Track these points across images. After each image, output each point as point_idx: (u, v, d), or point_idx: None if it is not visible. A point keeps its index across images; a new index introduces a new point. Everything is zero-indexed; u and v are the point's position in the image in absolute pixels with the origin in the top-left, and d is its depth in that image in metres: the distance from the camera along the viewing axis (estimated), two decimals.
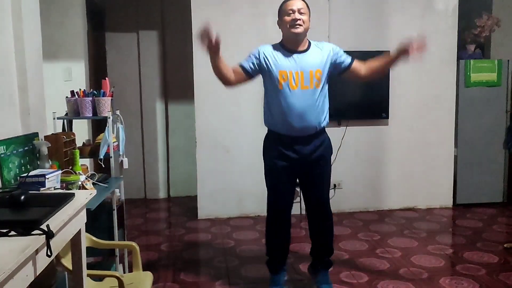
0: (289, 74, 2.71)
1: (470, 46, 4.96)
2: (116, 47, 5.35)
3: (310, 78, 2.72)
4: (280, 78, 2.71)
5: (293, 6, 2.72)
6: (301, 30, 2.72)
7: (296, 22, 2.69)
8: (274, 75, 2.73)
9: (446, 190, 4.98)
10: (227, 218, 4.67)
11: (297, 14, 2.70)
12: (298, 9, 2.71)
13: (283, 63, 2.74)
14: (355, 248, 3.79)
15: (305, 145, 2.78)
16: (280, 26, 2.82)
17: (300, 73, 2.71)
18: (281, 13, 2.79)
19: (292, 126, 2.73)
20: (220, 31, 4.58)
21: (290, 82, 2.71)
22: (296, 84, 2.71)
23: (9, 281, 1.24)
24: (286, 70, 2.72)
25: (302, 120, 2.71)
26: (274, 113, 2.78)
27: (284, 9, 2.76)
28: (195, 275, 3.30)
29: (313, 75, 2.73)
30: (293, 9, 2.71)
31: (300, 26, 2.70)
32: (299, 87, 2.71)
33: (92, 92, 2.97)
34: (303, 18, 2.71)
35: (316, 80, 2.73)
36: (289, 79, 2.71)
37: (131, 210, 4.95)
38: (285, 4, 2.76)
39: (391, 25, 4.72)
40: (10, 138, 2.36)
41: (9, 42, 2.55)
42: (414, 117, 4.85)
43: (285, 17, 2.73)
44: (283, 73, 2.72)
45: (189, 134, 5.03)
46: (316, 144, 2.81)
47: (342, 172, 4.78)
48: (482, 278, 3.17)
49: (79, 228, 1.89)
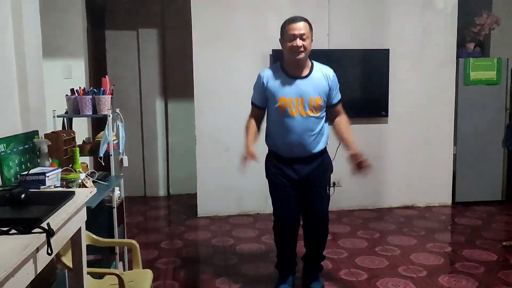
0: (289, 100, 2.71)
1: (469, 45, 4.97)
2: (116, 45, 5.35)
3: (310, 105, 2.72)
4: (280, 104, 2.72)
5: (294, 31, 2.66)
6: (302, 56, 2.69)
7: (298, 49, 2.66)
8: (275, 101, 2.74)
9: (445, 188, 4.99)
10: (227, 216, 4.68)
11: (299, 40, 2.65)
12: (300, 35, 2.66)
13: (283, 89, 2.74)
14: (354, 246, 3.80)
15: (304, 164, 2.82)
16: (282, 46, 2.79)
17: (300, 99, 2.71)
18: (283, 35, 2.74)
19: (292, 150, 2.78)
20: (219, 29, 4.61)
21: (290, 108, 2.71)
22: (296, 110, 2.72)
23: (10, 279, 1.25)
24: (286, 96, 2.72)
25: (301, 144, 2.75)
26: (274, 135, 2.82)
27: (286, 33, 2.70)
28: (195, 273, 3.31)
29: (313, 102, 2.73)
30: (294, 35, 2.66)
31: (301, 52, 2.68)
32: (299, 114, 2.72)
33: (92, 90, 2.98)
34: (305, 44, 2.67)
35: (315, 107, 2.74)
36: (289, 105, 2.71)
37: (131, 207, 4.96)
38: (288, 27, 2.70)
39: (390, 23, 4.72)
40: (10, 136, 2.37)
41: (9, 40, 2.55)
42: (413, 115, 4.85)
43: (287, 42, 2.69)
44: (283, 99, 2.72)
45: (189, 132, 5.04)
46: (316, 164, 2.84)
47: (341, 170, 4.73)
48: (480, 276, 3.18)
49: (79, 226, 1.90)
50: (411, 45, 4.78)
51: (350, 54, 4.69)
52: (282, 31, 2.76)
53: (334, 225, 4.35)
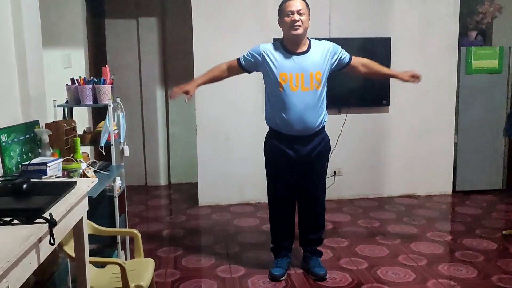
0: (290, 76, 2.78)
1: (471, 33, 4.93)
2: (116, 33, 5.32)
3: (310, 80, 2.79)
4: (281, 80, 2.78)
5: (292, 7, 2.77)
6: (300, 31, 2.77)
7: (296, 23, 2.75)
8: (275, 76, 2.80)
9: (446, 177, 5.00)
10: (228, 205, 4.69)
11: (296, 15, 2.75)
12: (297, 10, 2.76)
13: (284, 64, 2.80)
14: (354, 235, 3.81)
15: (304, 145, 2.89)
16: (280, 25, 2.87)
17: (301, 74, 2.78)
18: (281, 13, 2.84)
19: (293, 127, 2.82)
20: (219, 18, 4.58)
21: (290, 83, 2.78)
22: (297, 85, 2.78)
23: (13, 269, 1.26)
24: (287, 72, 2.78)
25: (302, 121, 2.81)
26: (275, 113, 2.86)
27: (284, 10, 2.81)
28: (196, 262, 3.34)
29: (313, 76, 2.80)
30: (292, 11, 2.76)
31: (299, 27, 2.76)
32: (299, 89, 2.78)
33: (92, 79, 2.97)
34: (302, 19, 2.76)
35: (316, 82, 2.81)
36: (289, 80, 2.78)
37: (132, 197, 4.97)
38: (285, 5, 2.81)
39: (392, 12, 4.69)
40: (11, 126, 2.36)
41: (8, 30, 2.54)
42: (414, 104, 4.84)
43: (285, 18, 2.79)
44: (283, 75, 2.78)
45: (190, 121, 5.03)
46: (315, 144, 2.92)
47: (342, 159, 4.80)
48: (480, 264, 3.20)
49: (81, 216, 1.91)
50: (413, 34, 4.75)
51: (351, 42, 4.66)
52: (280, 10, 2.85)
53: (335, 214, 4.37)
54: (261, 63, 2.85)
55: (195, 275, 3.11)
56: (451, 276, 3.02)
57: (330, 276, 3.03)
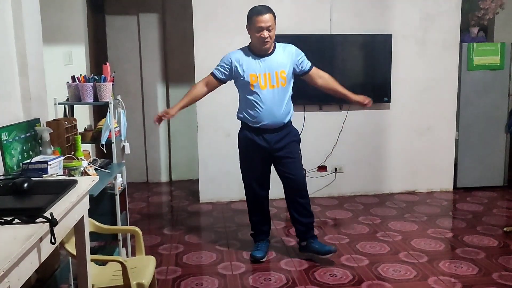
0: (258, 76, 3.07)
1: (473, 29, 4.92)
2: (116, 30, 5.30)
3: (276, 78, 3.08)
4: (251, 80, 3.07)
5: (261, 23, 2.97)
6: (269, 46, 3.06)
7: (265, 39, 3.00)
8: (246, 78, 3.08)
9: (447, 173, 4.99)
10: (229, 202, 4.70)
11: (265, 32, 2.98)
12: (267, 27, 2.98)
13: (252, 66, 3.09)
14: (355, 232, 3.82)
15: (274, 133, 3.15)
16: (249, 32, 3.09)
17: (268, 74, 3.07)
18: (251, 24, 3.04)
19: (263, 121, 3.10)
20: (220, 14, 4.57)
21: (259, 82, 3.07)
22: (265, 84, 3.07)
23: (15, 268, 1.26)
24: (256, 72, 3.08)
25: (271, 115, 3.08)
26: (246, 110, 3.14)
27: (254, 23, 3.00)
28: (198, 259, 3.34)
29: (279, 75, 3.09)
30: (261, 27, 2.97)
31: (268, 42, 3.02)
32: (267, 87, 3.07)
33: (93, 77, 2.96)
34: (270, 34, 3.01)
35: (281, 80, 3.09)
36: (259, 80, 3.07)
37: (133, 193, 4.98)
38: (256, 19, 2.99)
39: (393, 8, 4.67)
40: (12, 124, 2.37)
41: (8, 27, 2.53)
42: (415, 101, 4.83)
43: (255, 33, 3.01)
44: (253, 75, 3.07)
45: (190, 118, 5.02)
46: (284, 133, 3.18)
47: (343, 156, 4.80)
48: (481, 261, 3.20)
49: (82, 214, 1.91)
50: (414, 30, 4.73)
51: (352, 39, 4.66)
52: (249, 20, 3.05)
53: (335, 211, 4.38)
54: (234, 70, 3.10)
55: (196, 272, 3.11)
56: (452, 273, 3.03)
57: (331, 273, 3.04)
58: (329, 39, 4.57)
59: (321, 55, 4.54)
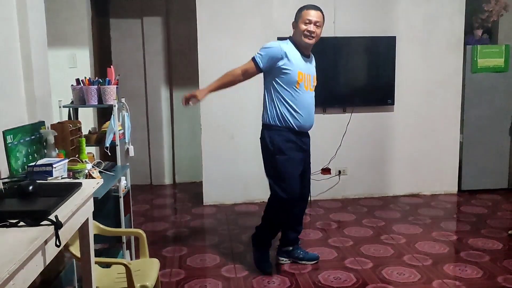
0: (303, 76, 2.94)
1: (477, 31, 4.91)
2: (121, 33, 5.33)
3: (313, 82, 3.04)
4: (298, 79, 2.91)
5: (311, 17, 2.87)
6: (312, 42, 2.93)
7: (311, 34, 2.89)
8: (293, 74, 2.90)
9: (451, 176, 4.98)
10: (233, 204, 4.70)
11: (313, 26, 2.88)
12: (315, 22, 2.88)
13: (300, 64, 2.93)
14: (359, 235, 3.81)
15: (307, 137, 3.12)
16: (294, 28, 2.97)
17: (308, 76, 2.98)
18: (299, 18, 2.93)
19: (305, 123, 2.99)
20: (224, 16, 4.58)
21: (304, 83, 2.95)
22: (307, 85, 2.98)
23: (20, 271, 1.27)
24: (303, 71, 2.93)
25: (310, 117, 3.02)
26: (288, 110, 2.94)
27: (302, 16, 2.90)
28: (201, 261, 3.34)
29: (314, 80, 3.05)
30: (310, 20, 2.87)
31: (313, 38, 2.91)
32: (309, 89, 2.99)
33: (98, 80, 2.98)
34: (317, 32, 2.91)
35: (314, 85, 3.07)
36: (304, 80, 2.94)
37: (137, 196, 4.99)
38: (305, 12, 2.90)
39: (397, 10, 4.67)
40: (17, 127, 2.38)
41: (14, 30, 2.55)
42: (419, 103, 4.82)
43: (301, 24, 2.89)
44: (300, 74, 2.92)
45: (194, 121, 5.04)
46: (309, 139, 3.15)
47: (347, 158, 4.79)
48: (486, 264, 3.19)
49: (87, 217, 1.92)
50: (418, 32, 4.73)
51: (356, 41, 4.65)
52: (298, 14, 2.94)
53: (339, 213, 4.37)
54: (282, 61, 2.86)
55: (200, 275, 3.12)
56: (456, 276, 3.02)
57: (335, 276, 3.04)
58: (332, 41, 4.58)
59: (325, 58, 4.54)
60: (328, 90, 4.63)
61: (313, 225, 4.06)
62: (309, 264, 3.22)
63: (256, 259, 3.20)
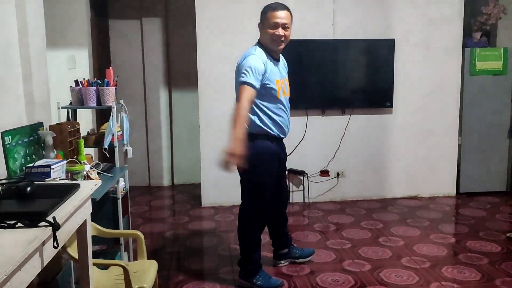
0: (280, 82, 2.80)
1: (476, 34, 4.92)
2: (120, 34, 5.33)
3: (288, 86, 2.90)
4: (277, 87, 2.77)
5: (278, 19, 2.67)
6: (282, 47, 2.76)
7: (280, 38, 2.70)
8: (273, 85, 2.75)
9: (449, 178, 4.98)
10: (231, 206, 4.69)
11: (281, 30, 2.68)
12: (283, 24, 2.68)
13: (275, 72, 2.78)
14: (358, 237, 3.81)
15: (282, 142, 3.00)
16: (261, 30, 2.78)
17: (283, 81, 2.84)
18: (265, 20, 2.73)
19: (285, 129, 2.88)
20: (223, 18, 4.58)
21: (283, 90, 2.82)
22: (283, 92, 2.83)
23: (17, 272, 1.26)
24: (279, 79, 2.79)
25: (288, 124, 2.91)
26: (270, 118, 2.78)
27: (268, 19, 2.70)
28: (199, 263, 3.34)
29: (287, 83, 2.90)
30: (277, 23, 2.67)
31: (282, 43, 2.72)
32: (286, 94, 2.86)
33: (96, 81, 2.97)
34: (286, 34, 2.71)
35: (289, 89, 2.91)
36: (282, 87, 2.81)
37: (135, 197, 4.99)
38: (270, 14, 2.69)
39: (396, 13, 4.67)
40: (15, 128, 2.37)
41: (12, 31, 2.55)
42: (418, 106, 4.83)
43: (268, 29, 2.70)
44: (278, 82, 2.78)
45: (193, 122, 5.04)
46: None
47: (345, 160, 4.79)
48: (484, 267, 3.19)
49: (85, 218, 1.91)
50: (416, 35, 4.73)
51: (355, 44, 4.66)
52: (263, 15, 2.74)
53: (338, 216, 4.37)
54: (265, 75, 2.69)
55: (198, 277, 3.11)
56: (455, 279, 3.01)
57: (333, 279, 3.03)
58: (331, 44, 4.58)
59: (324, 60, 4.56)
60: (327, 92, 4.64)
61: (312, 227, 4.05)
62: (307, 260, 3.25)
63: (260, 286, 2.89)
